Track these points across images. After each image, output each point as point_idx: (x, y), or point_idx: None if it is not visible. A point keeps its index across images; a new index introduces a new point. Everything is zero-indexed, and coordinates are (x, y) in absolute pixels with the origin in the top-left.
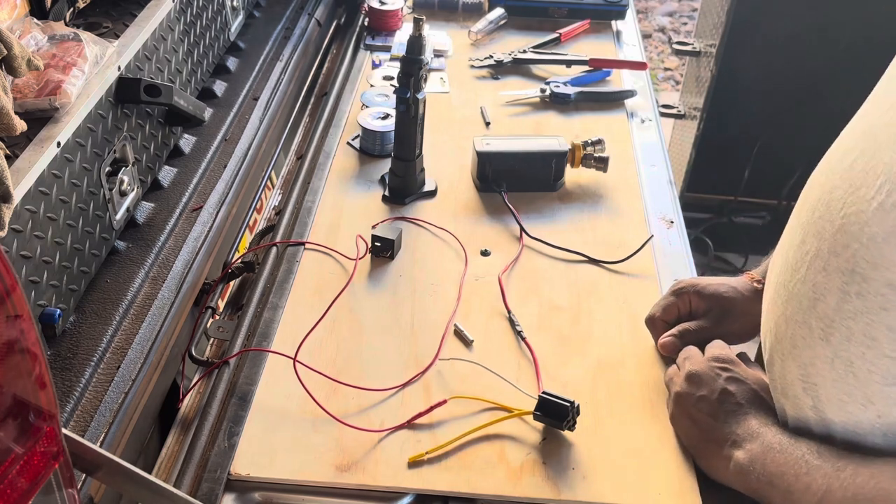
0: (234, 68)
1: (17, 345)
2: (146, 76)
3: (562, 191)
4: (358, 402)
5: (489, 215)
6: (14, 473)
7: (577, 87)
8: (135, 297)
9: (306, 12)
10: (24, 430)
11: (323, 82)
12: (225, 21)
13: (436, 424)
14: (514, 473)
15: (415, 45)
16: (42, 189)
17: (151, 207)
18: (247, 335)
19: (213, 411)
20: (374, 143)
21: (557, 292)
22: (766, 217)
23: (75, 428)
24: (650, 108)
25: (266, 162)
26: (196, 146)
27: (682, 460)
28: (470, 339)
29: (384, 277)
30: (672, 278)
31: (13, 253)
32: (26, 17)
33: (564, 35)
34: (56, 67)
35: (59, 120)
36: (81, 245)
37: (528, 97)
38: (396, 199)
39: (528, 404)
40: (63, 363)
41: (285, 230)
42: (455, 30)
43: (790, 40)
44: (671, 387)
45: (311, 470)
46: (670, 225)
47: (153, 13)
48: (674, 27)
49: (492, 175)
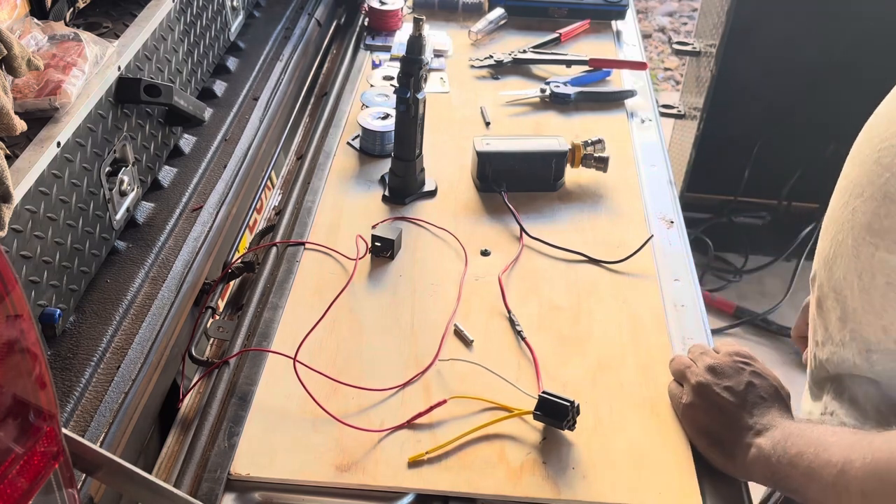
0: (234, 68)
1: (17, 344)
2: (146, 76)
3: (562, 191)
4: (358, 402)
5: (489, 215)
6: (14, 473)
7: (577, 88)
8: (135, 297)
9: (306, 12)
10: (24, 429)
11: (323, 82)
12: (225, 21)
13: (436, 424)
14: (514, 473)
15: (415, 45)
16: (42, 189)
17: (151, 207)
18: (247, 335)
19: (213, 411)
20: (374, 143)
21: (557, 292)
22: (766, 217)
23: (75, 428)
24: (650, 108)
25: (266, 162)
26: (196, 146)
27: (682, 460)
28: (470, 339)
29: (384, 277)
30: (672, 278)
31: (13, 253)
32: (26, 17)
33: (564, 35)
34: (56, 67)
35: (59, 120)
36: (81, 245)
37: (527, 97)
38: (396, 199)
39: (528, 404)
40: (63, 363)
41: (285, 230)
42: (455, 30)
43: (790, 40)
44: (690, 377)
45: (311, 470)
46: (670, 225)
47: (153, 13)
48: (674, 27)
49: (492, 175)
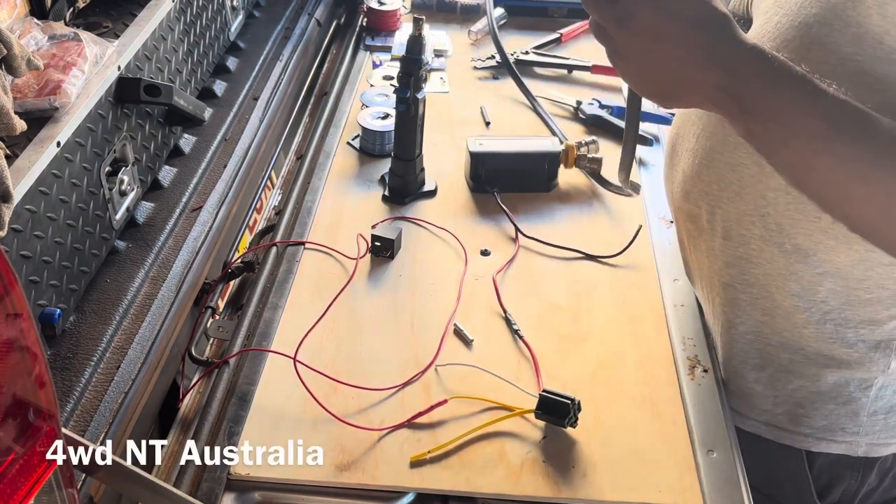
0: (234, 68)
1: (17, 344)
2: (146, 76)
3: (561, 191)
4: (358, 401)
5: (489, 215)
6: (14, 473)
7: (605, 112)
8: (135, 297)
9: (306, 12)
10: (23, 429)
11: (323, 82)
12: (225, 21)
13: (436, 424)
14: (514, 472)
15: (415, 45)
16: (42, 189)
17: (151, 207)
18: (247, 335)
19: (213, 411)
20: (374, 143)
21: (557, 292)
22: None
23: (75, 428)
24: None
25: (266, 162)
26: (196, 146)
27: (682, 457)
28: (470, 339)
29: (384, 277)
30: (671, 278)
31: (13, 253)
32: (26, 17)
33: (565, 35)
34: (56, 67)
35: (59, 120)
36: (81, 245)
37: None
38: (396, 199)
39: (528, 403)
40: (63, 363)
41: (285, 230)
42: (455, 30)
43: None
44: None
45: (311, 469)
46: (670, 225)
47: (153, 13)
48: None
49: (485, 175)
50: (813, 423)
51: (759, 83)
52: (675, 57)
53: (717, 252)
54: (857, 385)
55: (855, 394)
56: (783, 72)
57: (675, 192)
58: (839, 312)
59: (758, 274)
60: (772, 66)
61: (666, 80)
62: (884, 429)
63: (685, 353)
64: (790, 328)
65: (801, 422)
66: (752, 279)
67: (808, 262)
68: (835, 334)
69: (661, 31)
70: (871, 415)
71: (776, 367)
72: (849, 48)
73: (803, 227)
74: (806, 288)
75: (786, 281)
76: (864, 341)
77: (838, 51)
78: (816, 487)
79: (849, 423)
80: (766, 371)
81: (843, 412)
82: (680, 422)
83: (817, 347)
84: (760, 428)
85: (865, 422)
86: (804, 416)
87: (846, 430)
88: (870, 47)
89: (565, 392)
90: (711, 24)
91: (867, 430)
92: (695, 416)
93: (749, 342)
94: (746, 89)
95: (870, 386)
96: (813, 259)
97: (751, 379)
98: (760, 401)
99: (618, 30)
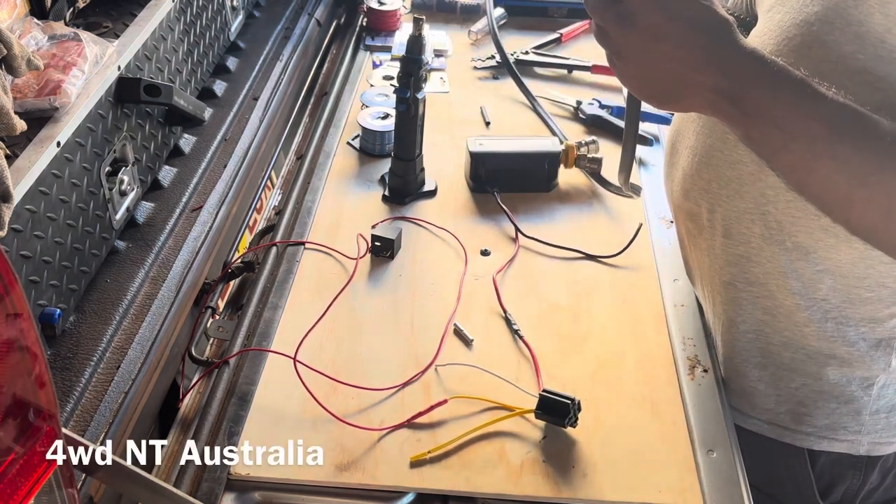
0: (234, 68)
1: (17, 344)
2: (146, 76)
3: (561, 191)
4: (358, 401)
5: (489, 215)
6: (14, 473)
7: (605, 113)
8: (135, 297)
9: (306, 12)
10: (23, 429)
11: (323, 82)
12: (225, 21)
13: (436, 424)
14: (514, 472)
15: (415, 45)
16: (42, 189)
17: (151, 207)
18: (247, 335)
19: (213, 411)
20: (374, 142)
21: (557, 292)
22: None
23: (75, 428)
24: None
25: (266, 162)
26: (196, 146)
27: (682, 457)
28: (470, 339)
29: (384, 277)
30: (672, 278)
31: (13, 253)
32: (26, 17)
33: (565, 36)
34: (56, 67)
35: (59, 120)
36: (81, 245)
37: (561, 101)
38: (396, 199)
39: (528, 403)
40: (63, 363)
41: (285, 230)
42: (455, 30)
43: None
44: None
45: (311, 469)
46: (670, 225)
47: (153, 13)
48: None
49: (485, 176)
50: (815, 422)
51: (759, 86)
52: (674, 57)
53: (717, 251)
54: (858, 383)
55: (857, 392)
56: (783, 75)
57: (675, 191)
58: (840, 310)
59: (758, 272)
60: (771, 69)
61: (665, 80)
62: (886, 427)
63: (685, 352)
64: (791, 326)
65: (804, 420)
66: (753, 277)
67: (808, 260)
68: (836, 332)
69: (661, 31)
70: (872, 413)
71: (778, 366)
72: (850, 46)
73: (804, 225)
74: (807, 286)
75: (786, 279)
76: (865, 339)
77: (839, 49)
78: (818, 486)
79: (851, 422)
80: (768, 370)
81: (846, 411)
82: (680, 422)
83: (818, 346)
84: (763, 427)
85: (867, 420)
86: (806, 414)
87: (848, 428)
88: (871, 46)
89: (565, 392)
90: (712, 28)
91: (869, 429)
92: (695, 415)
93: (750, 341)
94: (745, 92)
95: (871, 384)
96: (813, 257)
97: (753, 378)
98: (763, 400)
99: (619, 29)
